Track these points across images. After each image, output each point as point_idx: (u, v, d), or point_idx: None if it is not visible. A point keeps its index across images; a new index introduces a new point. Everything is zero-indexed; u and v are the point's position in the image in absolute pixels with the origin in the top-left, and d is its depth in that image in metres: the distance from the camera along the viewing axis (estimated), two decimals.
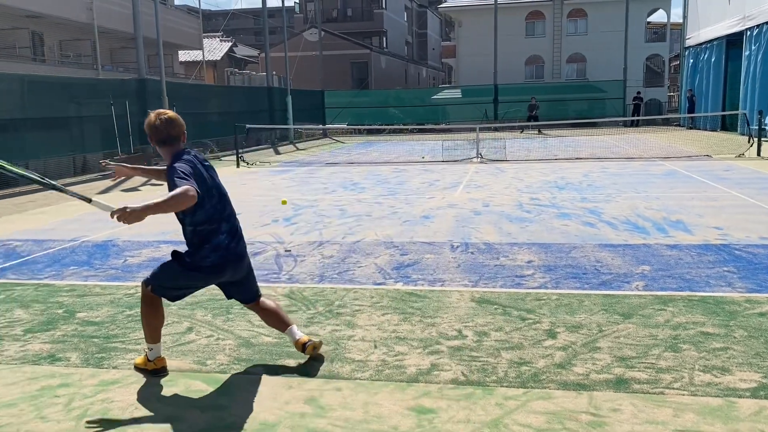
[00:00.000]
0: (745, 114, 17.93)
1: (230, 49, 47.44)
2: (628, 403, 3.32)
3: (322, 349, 4.13)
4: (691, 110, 29.71)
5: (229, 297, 4.04)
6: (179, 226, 3.83)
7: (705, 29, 28.80)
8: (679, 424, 3.10)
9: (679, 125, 32.18)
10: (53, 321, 4.94)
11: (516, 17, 42.88)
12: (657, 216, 8.47)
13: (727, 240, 6.93)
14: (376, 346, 4.21)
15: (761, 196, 9.74)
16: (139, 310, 5.03)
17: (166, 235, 7.99)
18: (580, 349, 4.04)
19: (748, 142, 16.55)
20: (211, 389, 3.67)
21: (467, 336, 4.34)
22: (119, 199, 11.94)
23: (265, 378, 3.79)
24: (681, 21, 34.67)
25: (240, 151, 19.04)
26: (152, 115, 3.78)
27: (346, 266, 6.34)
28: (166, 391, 3.65)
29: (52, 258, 7.16)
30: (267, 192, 12.31)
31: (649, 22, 44.86)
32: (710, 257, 6.23)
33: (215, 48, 44.92)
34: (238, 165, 18.03)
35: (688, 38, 31.73)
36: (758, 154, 15.72)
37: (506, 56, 39.80)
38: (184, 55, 39.69)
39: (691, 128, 29.77)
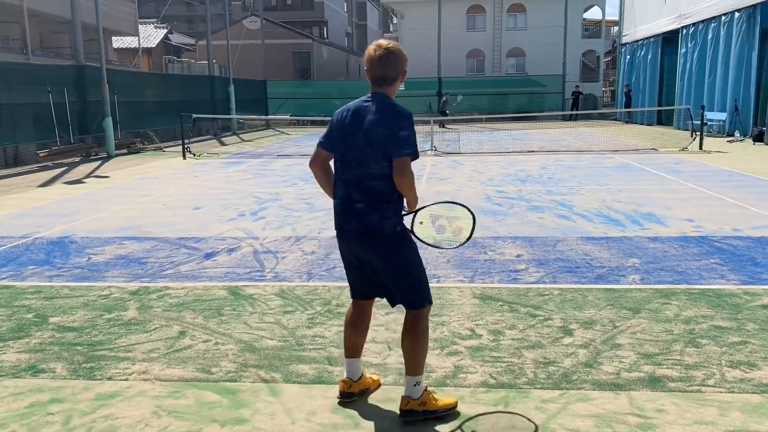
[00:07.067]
0: (688, 109, 18.54)
1: (165, 37, 45.79)
2: (670, 403, 3.24)
3: (336, 353, 3.90)
4: (627, 105, 30.64)
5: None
6: (141, 221, 3.45)
7: (641, 27, 29.71)
8: (729, 423, 3.03)
9: (616, 119, 33.15)
10: (24, 327, 4.49)
11: (457, 11, 43.12)
12: (627, 208, 8.56)
13: (702, 232, 7.05)
14: (390, 348, 4.00)
15: (719, 189, 10.02)
16: (120, 313, 4.69)
17: (126, 231, 7.49)
18: (601, 347, 3.95)
19: (691, 136, 17.12)
20: (225, 400, 3.37)
21: (482, 335, 4.18)
22: (61, 191, 11.23)
23: (281, 386, 3.52)
24: (614, 18, 35.74)
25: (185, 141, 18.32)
26: (372, 45, 3.09)
27: (331, 263, 6.08)
28: (175, 405, 3.33)
29: (4, 256, 6.58)
30: (223, 185, 11.84)
31: (584, 19, 46.02)
32: (693, 249, 6.29)
33: (150, 35, 43.19)
34: (184, 156, 17.34)
35: (625, 35, 32.68)
36: (700, 147, 16.27)
37: (448, 50, 39.98)
38: (117, 42, 38.03)
39: (627, 122, 30.70)
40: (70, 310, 4.85)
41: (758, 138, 17.59)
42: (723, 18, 21.05)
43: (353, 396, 3.32)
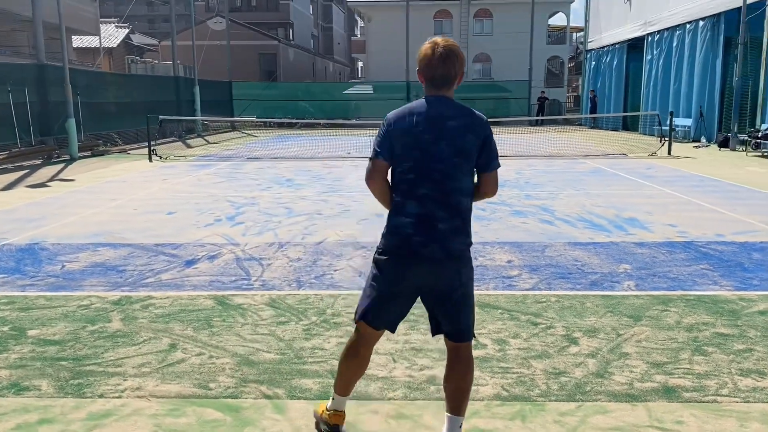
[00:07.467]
0: (657, 115, 18.88)
1: (127, 37, 44.84)
2: (689, 414, 3.18)
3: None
4: (593, 110, 31.09)
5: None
6: (114, 227, 3.25)
7: (606, 33, 30.20)
8: None
9: (580, 125, 33.60)
10: (1, 341, 4.22)
11: (424, 15, 43.21)
12: (608, 213, 8.60)
13: (687, 237, 7.09)
14: (395, 360, 3.87)
15: (693, 194, 10.16)
16: (103, 325, 4.44)
17: (99, 237, 7.18)
18: (609, 356, 3.88)
19: (660, 141, 17.41)
20: (228, 418, 3.19)
21: (487, 345, 4.08)
22: (25, 195, 10.78)
23: (285, 402, 3.35)
24: (578, 24, 36.19)
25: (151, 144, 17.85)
26: (426, 44, 2.76)
27: (320, 269, 5.92)
28: (176, 424, 3.14)
29: None
30: (195, 188, 11.53)
31: (549, 25, 46.62)
32: (681, 255, 6.32)
33: (111, 35, 42.27)
34: (150, 159, 16.88)
35: (590, 41, 33.19)
36: (669, 152, 16.55)
37: (415, 53, 39.88)
38: (77, 41, 37.05)
39: (593, 128, 31.15)
40: (49, 321, 4.58)
41: (723, 144, 18.00)
42: (688, 26, 21.51)
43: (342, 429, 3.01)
